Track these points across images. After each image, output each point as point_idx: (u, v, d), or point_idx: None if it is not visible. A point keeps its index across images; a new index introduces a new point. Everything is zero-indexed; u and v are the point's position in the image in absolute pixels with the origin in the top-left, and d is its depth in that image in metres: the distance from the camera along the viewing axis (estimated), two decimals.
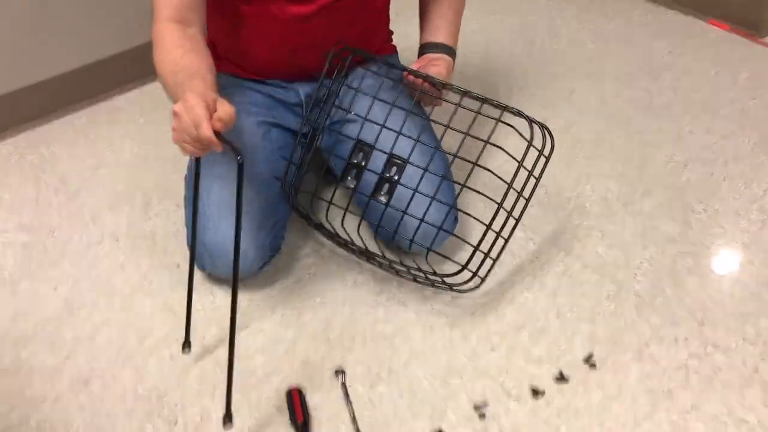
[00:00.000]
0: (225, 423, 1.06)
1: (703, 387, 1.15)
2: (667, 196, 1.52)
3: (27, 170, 1.65)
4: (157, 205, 1.53)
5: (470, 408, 1.13)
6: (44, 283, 1.36)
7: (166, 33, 1.15)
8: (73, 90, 1.83)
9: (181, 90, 1.07)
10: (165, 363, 1.21)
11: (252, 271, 1.28)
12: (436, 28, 1.37)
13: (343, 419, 1.11)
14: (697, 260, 1.37)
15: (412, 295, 1.31)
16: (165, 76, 1.14)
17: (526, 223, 1.45)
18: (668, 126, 1.73)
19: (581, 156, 1.64)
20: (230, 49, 1.34)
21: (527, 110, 1.79)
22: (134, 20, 1.85)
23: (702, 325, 1.25)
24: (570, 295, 1.31)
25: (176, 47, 1.13)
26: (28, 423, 1.12)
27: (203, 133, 0.97)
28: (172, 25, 1.15)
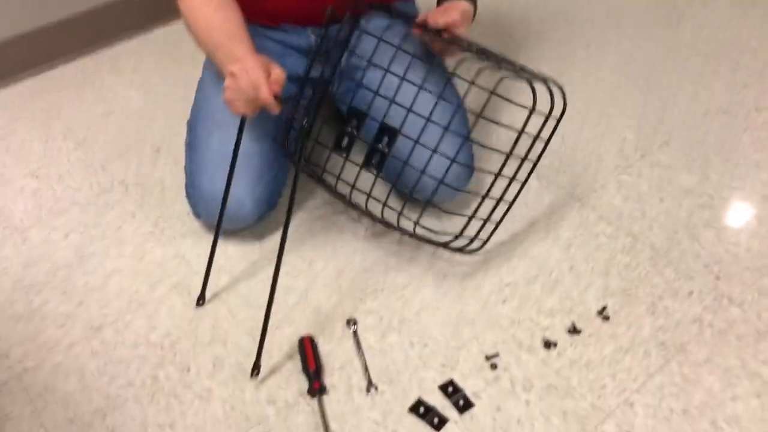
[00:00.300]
0: (253, 373, 1.09)
1: (716, 341, 1.14)
2: (685, 148, 1.49)
3: (34, 116, 1.63)
4: (167, 153, 1.52)
5: (482, 358, 1.13)
6: (55, 230, 1.36)
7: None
8: (78, 36, 1.79)
9: (222, 52, 1.13)
10: (177, 311, 1.21)
11: (248, 223, 1.27)
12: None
13: (355, 368, 1.12)
14: (715, 213, 1.35)
15: (425, 246, 1.30)
16: (198, 33, 1.18)
17: (541, 173, 1.43)
18: (688, 76, 1.68)
19: (598, 106, 1.61)
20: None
21: (544, 59, 1.76)
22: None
23: (717, 279, 1.23)
24: (584, 247, 1.29)
25: (205, 4, 1.16)
26: (42, 367, 1.13)
27: (263, 95, 1.04)
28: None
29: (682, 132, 1.53)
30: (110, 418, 1.06)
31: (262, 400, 1.08)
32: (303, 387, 1.09)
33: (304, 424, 1.05)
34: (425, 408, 1.06)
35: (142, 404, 1.08)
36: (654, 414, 1.05)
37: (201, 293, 1.22)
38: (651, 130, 1.54)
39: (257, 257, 1.29)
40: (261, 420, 1.06)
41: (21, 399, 1.09)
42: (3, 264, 1.30)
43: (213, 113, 1.25)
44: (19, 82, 1.73)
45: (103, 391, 1.10)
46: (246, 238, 1.32)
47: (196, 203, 1.26)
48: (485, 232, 1.22)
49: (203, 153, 1.23)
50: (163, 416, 1.06)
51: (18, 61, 1.72)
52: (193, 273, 1.27)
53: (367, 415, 1.06)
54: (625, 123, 1.56)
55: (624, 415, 1.05)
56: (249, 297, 1.22)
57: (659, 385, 1.08)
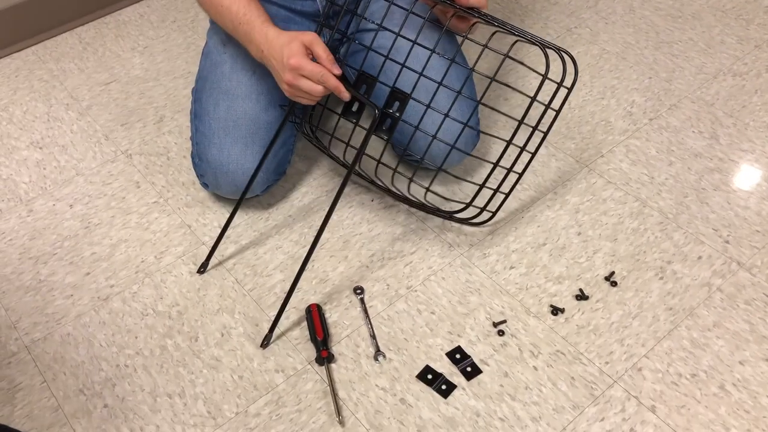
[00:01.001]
0: (263, 343, 1.10)
1: (725, 305, 1.13)
2: (695, 110, 1.47)
3: (36, 85, 1.62)
4: (170, 122, 1.50)
5: (489, 325, 1.13)
6: (60, 200, 1.35)
7: None
8: (79, 3, 1.77)
9: (243, 30, 1.11)
10: (184, 280, 1.21)
11: (256, 192, 1.26)
12: None
13: (363, 336, 1.12)
14: (724, 176, 1.34)
15: (431, 216, 1.29)
16: (213, 9, 1.15)
17: (549, 138, 1.41)
18: (698, 36, 1.65)
19: (606, 68, 1.58)
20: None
21: (551, 19, 1.73)
22: None
23: (727, 243, 1.22)
24: (592, 212, 1.28)
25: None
26: (52, 338, 1.14)
27: (332, 84, 1.03)
28: None
29: (691, 94, 1.51)
30: (119, 388, 1.07)
31: (270, 368, 1.08)
32: (311, 355, 1.10)
33: (312, 392, 1.05)
34: (433, 375, 1.07)
35: (151, 374, 1.09)
36: (662, 379, 1.05)
37: (205, 260, 1.21)
38: (660, 92, 1.51)
39: (264, 227, 1.29)
40: (269, 388, 1.06)
41: (31, 370, 1.10)
42: (9, 236, 1.30)
43: (219, 82, 1.23)
44: (20, 52, 1.71)
45: (112, 361, 1.11)
46: (253, 208, 1.32)
47: (204, 173, 1.25)
48: (493, 203, 1.21)
49: (210, 123, 1.22)
50: (172, 385, 1.07)
51: (18, 30, 1.70)
52: (200, 242, 1.26)
53: (375, 382, 1.06)
54: (633, 85, 1.53)
55: (632, 381, 1.05)
56: (257, 267, 1.22)
57: (667, 350, 1.08)
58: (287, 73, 1.04)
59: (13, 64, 1.68)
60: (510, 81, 1.53)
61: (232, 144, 1.20)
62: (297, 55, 1.03)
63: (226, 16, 1.13)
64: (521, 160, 1.21)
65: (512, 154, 1.17)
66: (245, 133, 1.21)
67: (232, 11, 1.11)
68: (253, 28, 1.09)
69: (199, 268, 1.21)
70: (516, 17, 1.73)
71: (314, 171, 1.38)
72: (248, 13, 1.10)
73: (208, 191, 1.32)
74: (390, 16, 1.19)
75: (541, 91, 1.14)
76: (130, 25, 1.78)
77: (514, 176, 1.19)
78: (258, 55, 1.11)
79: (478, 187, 1.14)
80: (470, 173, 1.34)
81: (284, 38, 1.06)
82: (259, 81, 1.22)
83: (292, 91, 1.06)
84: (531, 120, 1.28)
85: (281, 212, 1.31)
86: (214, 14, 1.16)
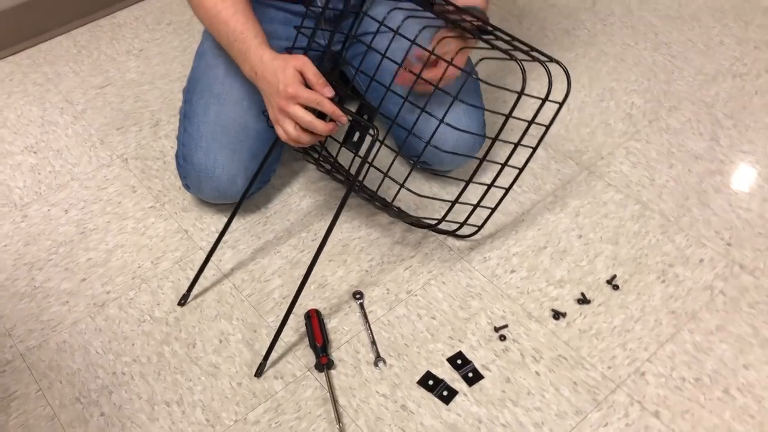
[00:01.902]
0: (257, 373, 1.07)
1: (728, 308, 1.13)
2: (694, 112, 1.46)
3: (31, 89, 1.60)
4: (166, 125, 1.49)
5: (490, 329, 1.11)
6: (55, 206, 1.34)
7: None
8: (74, 5, 1.75)
9: (238, 48, 1.09)
10: (181, 286, 1.19)
11: (237, 199, 1.23)
12: None
13: (363, 341, 1.11)
14: (725, 178, 1.33)
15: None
16: (209, 23, 1.14)
17: (548, 141, 1.40)
18: (697, 37, 1.65)
19: (605, 70, 1.57)
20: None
21: (549, 20, 1.72)
22: None
23: (729, 245, 1.21)
24: (593, 215, 1.27)
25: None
26: (47, 345, 1.12)
27: (327, 108, 1.01)
28: None
29: (691, 95, 1.50)
30: (116, 396, 1.06)
31: (269, 375, 1.07)
32: (310, 362, 1.08)
33: (312, 399, 1.04)
34: (434, 381, 1.05)
35: (149, 381, 1.07)
36: (665, 383, 1.04)
37: (188, 288, 1.17)
38: (659, 93, 1.51)
39: (262, 231, 1.27)
40: (268, 395, 1.05)
41: (26, 378, 1.08)
42: (3, 242, 1.28)
43: (211, 85, 1.22)
44: (14, 55, 1.70)
45: (109, 368, 1.09)
46: (251, 212, 1.30)
47: (188, 175, 1.23)
48: (478, 218, 1.20)
49: (198, 125, 1.21)
50: (170, 393, 1.06)
51: (12, 33, 1.69)
52: (197, 247, 1.25)
53: (375, 388, 1.05)
54: (632, 87, 1.52)
55: (635, 385, 1.04)
56: (255, 272, 1.21)
57: (670, 354, 1.07)
58: (281, 99, 1.02)
59: (7, 68, 1.66)
60: (509, 91, 1.52)
61: (219, 149, 1.19)
62: (293, 83, 1.01)
63: (222, 31, 1.12)
64: (510, 175, 1.20)
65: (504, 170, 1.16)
66: (233, 139, 1.20)
67: (229, 27, 1.10)
68: (249, 48, 1.08)
69: (180, 300, 1.17)
70: (513, 18, 1.72)
71: (311, 175, 1.37)
72: (245, 31, 1.09)
73: (190, 193, 1.30)
74: (391, 20, 1.17)
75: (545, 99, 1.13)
76: (125, 28, 1.76)
77: (499, 191, 1.19)
78: (251, 75, 1.09)
79: (450, 204, 1.11)
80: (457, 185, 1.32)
81: (278, 63, 1.04)
82: (251, 88, 1.21)
83: (280, 116, 1.04)
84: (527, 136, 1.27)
85: (279, 217, 1.30)
86: (210, 27, 1.15)
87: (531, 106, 1.45)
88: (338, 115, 1.01)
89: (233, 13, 1.09)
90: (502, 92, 1.50)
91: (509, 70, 1.56)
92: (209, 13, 1.12)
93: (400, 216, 1.20)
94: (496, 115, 1.43)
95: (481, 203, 1.15)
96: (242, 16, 1.10)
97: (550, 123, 1.06)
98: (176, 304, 1.17)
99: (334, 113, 1.01)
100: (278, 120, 1.05)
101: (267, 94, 1.07)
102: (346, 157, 1.34)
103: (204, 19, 1.15)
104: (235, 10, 1.10)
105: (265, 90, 1.07)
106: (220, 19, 1.10)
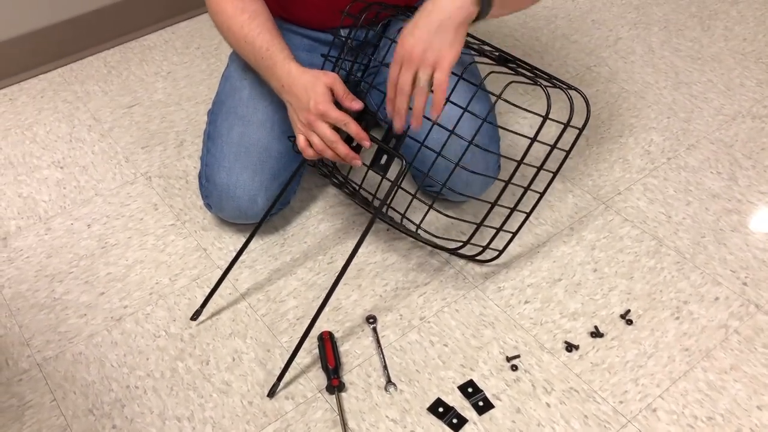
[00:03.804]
0: (270, 393, 1.08)
1: (743, 348, 1.12)
2: (713, 151, 1.47)
3: (60, 106, 1.64)
4: (190, 146, 1.52)
5: (502, 359, 1.11)
6: (78, 220, 1.36)
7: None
8: (105, 27, 1.80)
9: (265, 65, 1.12)
10: (197, 303, 1.21)
11: (257, 219, 1.24)
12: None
13: (374, 365, 1.11)
14: (742, 218, 1.33)
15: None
16: (237, 44, 1.17)
17: (566, 174, 1.41)
18: (718, 77, 1.66)
19: (624, 106, 1.58)
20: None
21: (571, 57, 1.74)
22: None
23: (744, 285, 1.21)
24: (608, 249, 1.28)
25: (239, 11, 1.13)
26: (63, 356, 1.14)
27: (353, 130, 1.02)
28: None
29: (710, 135, 1.50)
30: (128, 409, 1.07)
31: (280, 395, 1.08)
32: (321, 383, 1.09)
33: (322, 421, 1.04)
34: (444, 408, 1.05)
35: (161, 396, 1.08)
36: (677, 420, 1.03)
37: (202, 304, 1.18)
38: (678, 132, 1.51)
39: (279, 252, 1.29)
40: (279, 415, 1.05)
41: (41, 388, 1.10)
42: (26, 253, 1.31)
43: (236, 107, 1.25)
44: (47, 73, 1.75)
45: (123, 381, 1.10)
46: (269, 234, 1.32)
47: (210, 195, 1.26)
48: (501, 241, 1.21)
49: (222, 146, 1.23)
50: (181, 408, 1.06)
51: (45, 52, 1.74)
52: (214, 266, 1.27)
53: (385, 413, 1.05)
54: (651, 125, 1.53)
55: (646, 421, 1.03)
56: (270, 292, 1.22)
57: (683, 392, 1.07)
58: (310, 114, 1.05)
59: (39, 85, 1.71)
60: (528, 117, 1.54)
61: (242, 170, 1.21)
62: (324, 101, 1.03)
63: (248, 50, 1.15)
64: (531, 199, 1.21)
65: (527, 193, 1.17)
66: (256, 160, 1.22)
67: (255, 46, 1.13)
68: (275, 63, 1.10)
69: (192, 316, 1.19)
70: (536, 54, 1.75)
71: (330, 199, 1.39)
72: (271, 47, 1.12)
73: (211, 212, 1.32)
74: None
75: (565, 131, 1.14)
76: (154, 51, 1.81)
77: (523, 215, 1.19)
78: (278, 88, 1.12)
79: (476, 226, 1.13)
80: (483, 211, 1.33)
81: (307, 77, 1.06)
82: (275, 110, 1.24)
83: (306, 130, 1.07)
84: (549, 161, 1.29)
85: (297, 239, 1.31)
86: (237, 48, 1.18)
87: (547, 134, 1.46)
88: (362, 137, 1.03)
89: (259, 33, 1.12)
90: (516, 123, 1.51)
91: (526, 99, 1.57)
92: (236, 36, 1.15)
93: (424, 240, 1.21)
94: (510, 150, 1.44)
95: (501, 229, 1.16)
96: (268, 35, 1.13)
97: (571, 148, 1.08)
98: (190, 321, 1.18)
99: (359, 135, 1.03)
100: (302, 131, 1.08)
101: (294, 107, 1.09)
102: (368, 182, 1.36)
103: (232, 42, 1.18)
104: (261, 30, 1.13)
105: (293, 103, 1.09)
106: (247, 40, 1.13)
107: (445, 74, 0.95)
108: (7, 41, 1.66)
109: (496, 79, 1.47)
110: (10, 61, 1.69)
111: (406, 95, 0.99)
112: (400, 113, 1.01)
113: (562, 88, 1.05)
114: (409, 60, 0.96)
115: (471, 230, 1.30)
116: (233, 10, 1.14)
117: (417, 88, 0.98)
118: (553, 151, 1.06)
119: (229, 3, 1.15)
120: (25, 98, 1.67)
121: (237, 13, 1.14)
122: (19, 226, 1.36)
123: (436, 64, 0.95)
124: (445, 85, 0.96)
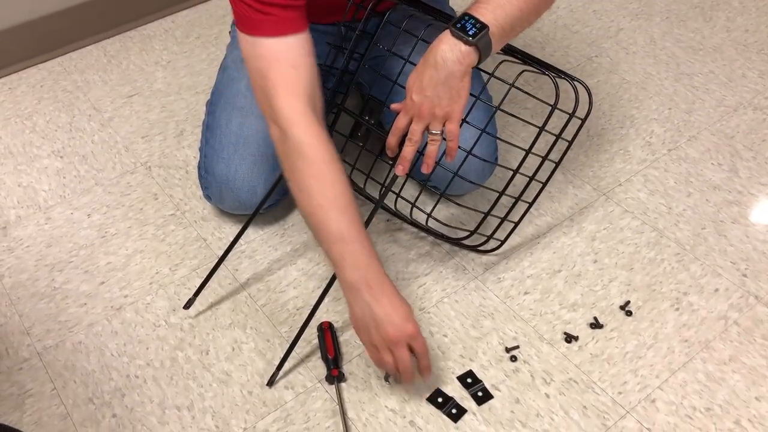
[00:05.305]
0: (270, 382, 1.08)
1: (742, 339, 1.12)
2: (714, 142, 1.46)
3: (60, 96, 1.64)
4: (190, 135, 1.52)
5: (502, 350, 1.12)
6: (78, 209, 1.36)
7: (306, 135, 0.98)
8: (105, 16, 1.80)
9: (340, 254, 0.97)
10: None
11: (255, 208, 1.22)
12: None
13: None
14: (743, 209, 1.33)
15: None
16: (309, 211, 1.00)
17: (566, 166, 1.41)
18: (719, 69, 1.65)
19: (626, 97, 1.58)
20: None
21: (572, 47, 1.74)
22: None
23: (744, 276, 1.21)
24: (609, 240, 1.28)
25: (313, 176, 0.98)
26: (64, 345, 1.14)
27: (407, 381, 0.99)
28: (307, 118, 0.98)
29: (711, 126, 1.50)
30: (128, 398, 1.07)
31: (279, 385, 1.08)
32: (321, 373, 1.09)
33: (321, 411, 1.05)
34: (443, 398, 1.06)
35: (161, 385, 1.08)
36: (676, 411, 1.03)
37: (195, 293, 1.17)
38: (679, 123, 1.51)
39: (279, 243, 1.29)
40: (278, 405, 1.05)
41: (41, 377, 1.10)
42: (26, 242, 1.31)
43: (234, 98, 1.24)
44: (46, 62, 1.74)
45: (123, 371, 1.10)
46: (269, 224, 1.32)
47: (209, 186, 1.25)
48: (502, 231, 1.21)
49: (221, 136, 1.23)
50: (181, 398, 1.07)
51: (44, 41, 1.73)
52: (214, 256, 1.27)
53: (385, 403, 1.05)
54: (652, 116, 1.53)
55: (645, 412, 1.03)
56: (270, 283, 1.22)
57: (682, 383, 1.07)
58: (401, 334, 0.94)
59: (39, 75, 1.70)
60: (530, 107, 1.54)
61: (241, 161, 1.21)
62: (417, 330, 0.96)
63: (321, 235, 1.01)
64: (533, 189, 1.21)
65: (525, 182, 1.17)
66: (255, 151, 1.21)
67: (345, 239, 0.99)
68: (369, 264, 0.98)
69: (185, 305, 1.18)
70: (537, 45, 1.74)
71: None
72: (364, 246, 1.00)
73: (211, 203, 1.32)
74: (403, 40, 1.19)
75: (560, 120, 1.14)
76: (154, 40, 1.80)
77: (523, 205, 1.19)
78: (359, 283, 0.96)
79: (483, 216, 1.14)
80: (483, 200, 1.33)
81: (407, 308, 0.97)
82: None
83: (382, 346, 0.96)
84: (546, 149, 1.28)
85: (297, 229, 1.31)
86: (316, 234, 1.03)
87: (551, 125, 1.46)
88: (424, 352, 0.98)
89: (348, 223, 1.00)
90: (518, 116, 1.51)
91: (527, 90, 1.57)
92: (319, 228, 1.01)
93: (429, 230, 1.21)
94: (508, 138, 1.44)
95: (506, 219, 1.16)
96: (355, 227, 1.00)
97: (573, 137, 1.08)
98: (190, 311, 1.18)
99: (424, 356, 0.99)
100: (380, 347, 0.97)
101: (378, 317, 0.95)
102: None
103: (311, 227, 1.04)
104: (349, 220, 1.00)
105: (378, 314, 0.95)
106: (329, 240, 1.00)
107: (456, 125, 0.97)
108: (6, 30, 1.66)
109: (502, 69, 1.46)
110: (10, 51, 1.69)
111: (416, 145, 1.00)
112: (405, 161, 1.01)
113: (566, 79, 1.06)
114: (419, 116, 0.97)
115: (470, 222, 1.30)
116: (321, 161, 1.01)
117: (429, 137, 0.99)
118: (557, 141, 1.06)
119: (313, 142, 1.01)
120: (25, 87, 1.67)
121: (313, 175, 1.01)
122: (19, 216, 1.36)
123: (446, 117, 0.97)
124: (457, 134, 0.99)
